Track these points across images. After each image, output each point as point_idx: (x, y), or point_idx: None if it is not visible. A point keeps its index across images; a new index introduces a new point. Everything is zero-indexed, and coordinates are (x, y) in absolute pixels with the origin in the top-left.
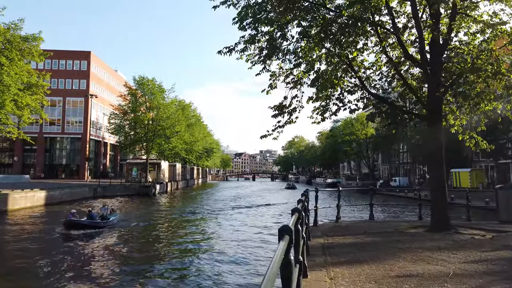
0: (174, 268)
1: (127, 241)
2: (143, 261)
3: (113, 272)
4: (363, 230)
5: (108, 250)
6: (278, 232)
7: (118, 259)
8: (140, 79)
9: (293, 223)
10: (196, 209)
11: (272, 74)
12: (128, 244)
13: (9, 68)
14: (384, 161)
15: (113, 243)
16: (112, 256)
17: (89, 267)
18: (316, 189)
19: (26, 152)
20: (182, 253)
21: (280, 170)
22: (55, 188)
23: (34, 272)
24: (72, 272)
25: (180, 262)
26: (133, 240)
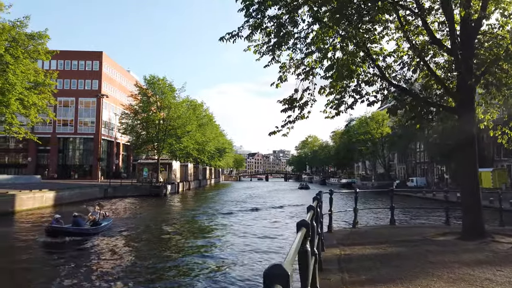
0: None
1: (115, 251)
2: (129, 278)
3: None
4: (385, 238)
5: (91, 262)
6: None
7: (101, 273)
8: (151, 78)
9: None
10: (205, 211)
11: (282, 66)
12: (116, 256)
13: (15, 66)
14: (400, 161)
15: (98, 253)
16: (94, 270)
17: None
18: (331, 191)
19: (40, 153)
20: (179, 270)
21: (293, 170)
22: (64, 189)
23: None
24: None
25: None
26: (123, 250)
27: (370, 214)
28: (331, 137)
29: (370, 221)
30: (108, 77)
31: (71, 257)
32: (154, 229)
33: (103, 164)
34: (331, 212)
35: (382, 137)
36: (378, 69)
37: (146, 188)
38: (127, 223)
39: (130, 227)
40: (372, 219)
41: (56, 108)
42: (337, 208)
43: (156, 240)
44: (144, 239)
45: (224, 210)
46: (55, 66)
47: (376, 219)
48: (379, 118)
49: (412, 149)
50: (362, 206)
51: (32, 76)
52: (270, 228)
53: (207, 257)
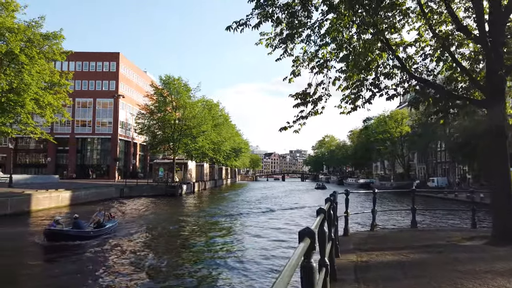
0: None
1: (116, 257)
2: None
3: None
4: (406, 243)
5: (87, 270)
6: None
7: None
8: (167, 78)
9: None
10: (218, 212)
11: (295, 60)
12: (117, 262)
13: (30, 66)
14: (420, 161)
15: (96, 259)
16: (89, 279)
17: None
18: (347, 192)
19: (59, 153)
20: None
21: (310, 170)
22: (80, 188)
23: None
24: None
25: None
26: (124, 256)
27: (389, 216)
28: (348, 137)
29: (389, 224)
30: (125, 78)
31: (68, 262)
32: (162, 231)
33: (120, 164)
34: (347, 214)
35: (401, 136)
36: (398, 60)
37: (162, 188)
38: (136, 224)
39: (138, 228)
40: (391, 221)
41: (74, 109)
42: (354, 210)
43: (162, 244)
44: (149, 243)
45: (237, 211)
46: (73, 67)
47: (396, 221)
48: (398, 117)
49: (433, 148)
50: (381, 208)
51: (47, 76)
52: (284, 231)
53: (210, 264)
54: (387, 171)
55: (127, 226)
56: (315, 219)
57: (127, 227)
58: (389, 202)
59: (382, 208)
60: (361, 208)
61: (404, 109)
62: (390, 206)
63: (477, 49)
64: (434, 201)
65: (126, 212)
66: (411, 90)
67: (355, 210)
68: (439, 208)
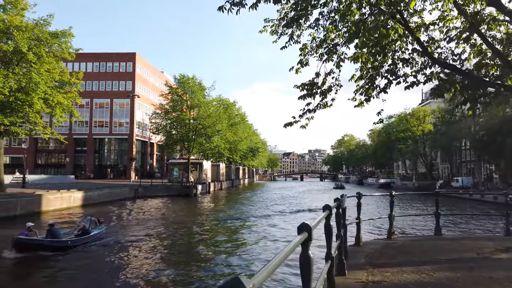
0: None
1: (99, 272)
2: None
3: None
4: (429, 255)
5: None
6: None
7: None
8: (181, 76)
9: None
10: (232, 213)
11: (302, 48)
12: (100, 278)
13: (39, 65)
14: (443, 160)
15: (71, 275)
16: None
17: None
18: (359, 195)
19: (77, 153)
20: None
21: (329, 170)
22: (93, 189)
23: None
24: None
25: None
26: (108, 270)
27: (409, 221)
28: (368, 136)
29: (409, 230)
30: (142, 78)
31: (39, 277)
32: (161, 238)
33: (137, 164)
34: (359, 220)
35: (423, 134)
36: (419, 44)
37: (177, 188)
38: (134, 228)
39: (133, 234)
40: (411, 227)
41: (92, 109)
42: (370, 214)
43: (155, 256)
44: (138, 254)
45: (252, 213)
46: (90, 68)
47: (416, 227)
48: (420, 115)
49: (457, 147)
50: (400, 211)
51: (57, 75)
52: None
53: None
54: (409, 171)
55: (122, 231)
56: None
57: (122, 232)
58: (410, 205)
59: (402, 211)
60: (378, 212)
61: (427, 107)
62: (411, 209)
63: (510, 31)
64: (458, 202)
65: (133, 214)
66: (434, 77)
67: (370, 214)
68: (467, 212)
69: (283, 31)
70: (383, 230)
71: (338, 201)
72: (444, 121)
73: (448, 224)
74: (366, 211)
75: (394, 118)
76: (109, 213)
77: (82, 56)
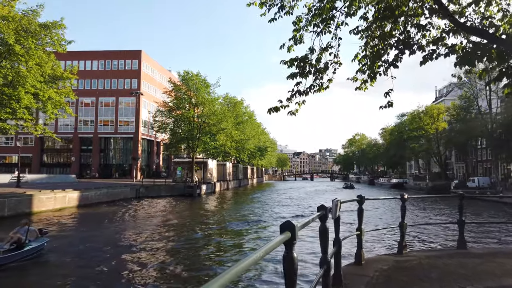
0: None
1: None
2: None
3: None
4: (453, 280)
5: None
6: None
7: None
8: (185, 73)
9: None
10: (235, 216)
11: (296, 21)
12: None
13: (27, 58)
14: (458, 159)
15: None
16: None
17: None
18: (360, 199)
19: (83, 152)
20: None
21: (340, 170)
22: (91, 189)
23: None
24: None
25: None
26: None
27: (423, 228)
28: (380, 135)
29: (424, 238)
30: (148, 76)
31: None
32: (135, 247)
33: (143, 164)
34: (360, 232)
35: (437, 132)
36: (438, 4)
37: (180, 188)
38: (103, 234)
39: (95, 245)
40: (426, 235)
41: (97, 108)
42: (374, 222)
43: (114, 273)
44: (92, 274)
45: (254, 216)
46: (96, 67)
47: (432, 235)
48: (434, 112)
49: (473, 145)
50: (413, 217)
51: (49, 69)
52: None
53: None
54: (422, 171)
55: (84, 240)
56: None
57: (82, 241)
58: (424, 208)
59: (416, 217)
60: (386, 219)
61: (441, 104)
62: (426, 213)
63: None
64: (474, 203)
65: (125, 215)
66: (458, 48)
67: (377, 221)
68: (495, 221)
69: (273, 1)
70: (393, 242)
71: (323, 210)
72: (459, 119)
73: (469, 229)
74: (372, 217)
75: (406, 116)
76: (100, 214)
77: (88, 54)
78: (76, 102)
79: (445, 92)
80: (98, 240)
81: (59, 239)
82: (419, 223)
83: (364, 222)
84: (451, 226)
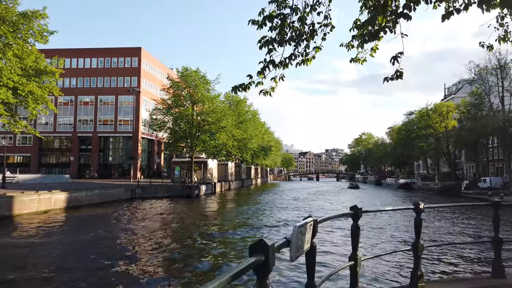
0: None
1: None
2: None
3: None
4: None
5: None
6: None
7: None
8: (184, 69)
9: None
10: (231, 220)
11: None
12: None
13: (5, 49)
14: (468, 159)
15: None
16: None
17: None
18: (355, 211)
19: (82, 152)
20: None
21: (346, 170)
22: (81, 189)
23: None
24: None
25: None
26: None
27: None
28: (387, 134)
29: (444, 262)
30: (148, 74)
31: None
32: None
33: (143, 163)
34: (355, 262)
35: (446, 131)
36: None
37: (178, 189)
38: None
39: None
40: (448, 256)
41: (96, 106)
42: (375, 238)
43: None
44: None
45: (252, 220)
46: (95, 64)
47: (456, 258)
48: (443, 110)
49: (484, 144)
50: (426, 229)
51: (30, 61)
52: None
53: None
54: (431, 171)
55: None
56: None
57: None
58: (437, 216)
59: (430, 230)
60: (393, 233)
61: (450, 102)
62: (441, 222)
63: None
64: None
65: (104, 220)
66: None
67: (379, 234)
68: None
69: None
70: (402, 267)
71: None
72: (470, 116)
73: (505, 248)
74: (371, 228)
75: (414, 115)
76: (86, 217)
77: (87, 52)
78: (75, 100)
79: (455, 89)
80: (71, 248)
81: (24, 247)
82: (441, 242)
83: (362, 243)
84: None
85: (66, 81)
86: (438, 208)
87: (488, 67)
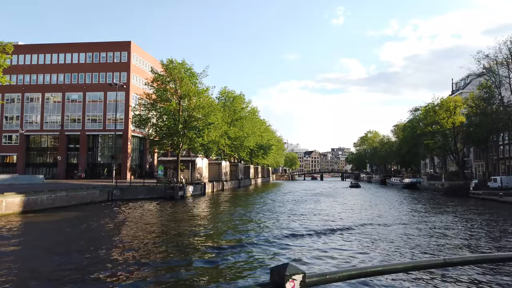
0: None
1: None
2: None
3: None
4: None
5: None
6: None
7: None
8: (169, 62)
9: None
10: (213, 229)
11: None
12: None
13: None
14: (477, 157)
15: None
16: None
17: None
18: None
19: (70, 151)
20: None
21: (352, 169)
22: (43, 191)
23: None
24: None
25: None
26: None
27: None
28: (393, 131)
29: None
30: (138, 69)
31: None
32: None
33: (134, 163)
34: None
35: (454, 127)
36: None
37: (161, 190)
38: None
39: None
40: (462, 279)
41: (84, 103)
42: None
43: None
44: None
45: (238, 228)
46: (83, 59)
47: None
48: (450, 105)
49: (494, 141)
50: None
51: None
52: None
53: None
54: (438, 169)
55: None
56: None
57: None
58: (446, 216)
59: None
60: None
61: (458, 96)
62: (453, 227)
63: None
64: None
65: (56, 228)
66: None
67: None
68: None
69: None
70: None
71: None
72: (479, 111)
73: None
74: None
75: (420, 111)
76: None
77: (74, 46)
78: (63, 97)
79: (463, 84)
80: None
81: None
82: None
83: None
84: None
85: (53, 77)
86: (434, 196)
87: (499, 58)
